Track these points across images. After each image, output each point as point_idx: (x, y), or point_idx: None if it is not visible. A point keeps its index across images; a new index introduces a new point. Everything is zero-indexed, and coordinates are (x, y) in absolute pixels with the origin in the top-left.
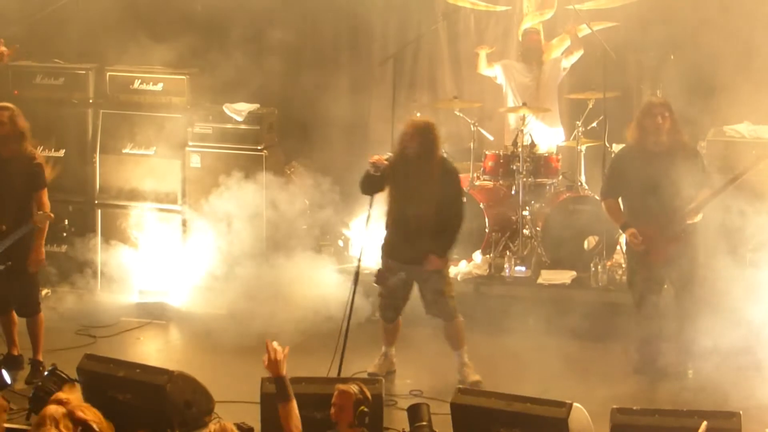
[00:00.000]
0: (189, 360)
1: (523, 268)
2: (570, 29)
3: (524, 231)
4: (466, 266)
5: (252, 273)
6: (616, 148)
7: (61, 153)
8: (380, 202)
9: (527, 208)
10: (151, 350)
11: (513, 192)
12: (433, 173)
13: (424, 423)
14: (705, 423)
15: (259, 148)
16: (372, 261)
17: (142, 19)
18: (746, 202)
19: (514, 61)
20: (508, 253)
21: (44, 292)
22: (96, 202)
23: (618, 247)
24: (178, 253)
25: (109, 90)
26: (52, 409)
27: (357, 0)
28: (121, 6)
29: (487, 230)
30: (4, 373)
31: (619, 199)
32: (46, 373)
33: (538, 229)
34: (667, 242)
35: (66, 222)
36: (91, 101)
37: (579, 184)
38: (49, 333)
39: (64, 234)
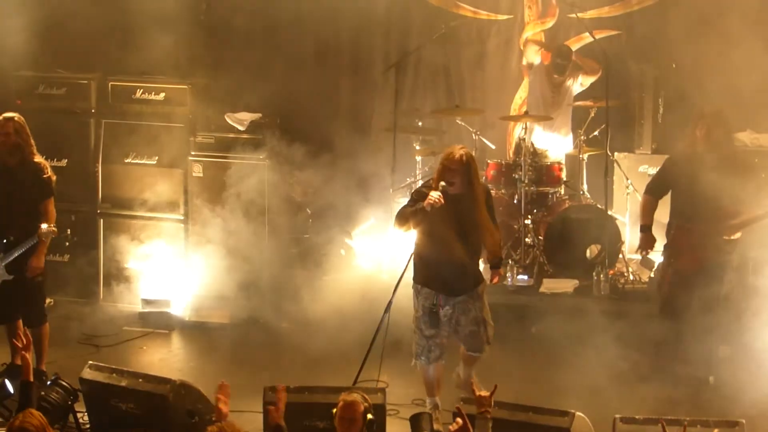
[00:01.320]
0: (191, 369)
1: (525, 277)
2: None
3: (526, 240)
4: None
5: (254, 282)
6: (618, 156)
7: (64, 163)
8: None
9: (529, 216)
10: (154, 359)
11: (515, 201)
12: (479, 202)
13: None
14: None
15: (261, 157)
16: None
17: (144, 28)
18: None
19: (545, 72)
20: (510, 261)
21: (47, 301)
22: (98, 211)
23: (620, 256)
24: (181, 262)
25: (111, 100)
26: None
27: (359, 9)
28: (123, 16)
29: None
30: (7, 382)
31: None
32: (48, 382)
33: (540, 237)
34: (702, 250)
35: (68, 231)
36: (93, 111)
37: (581, 192)
38: (52, 342)
39: (67, 243)
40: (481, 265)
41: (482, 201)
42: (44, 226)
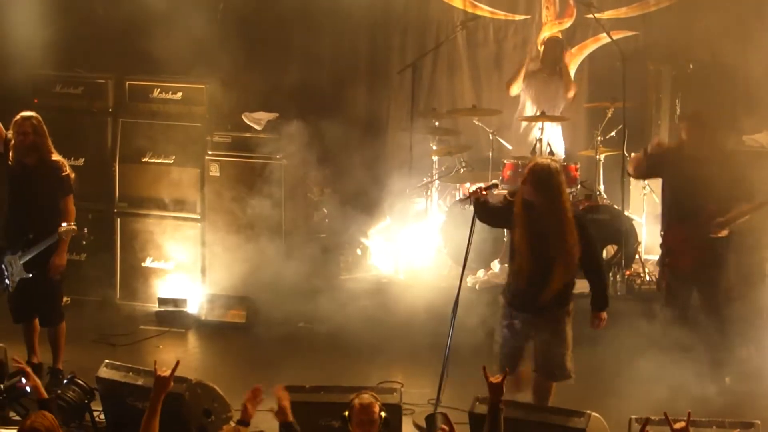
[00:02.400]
0: (207, 368)
1: None
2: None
3: None
4: (484, 275)
5: (270, 282)
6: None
7: (81, 162)
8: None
9: None
10: (170, 358)
11: None
12: (555, 224)
13: None
14: None
15: (278, 156)
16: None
17: (162, 28)
18: None
19: (536, 70)
20: None
21: (65, 300)
22: (115, 210)
23: (637, 257)
24: (197, 261)
25: (129, 99)
26: None
27: (376, 9)
28: (140, 16)
29: (505, 239)
30: (24, 380)
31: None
32: (65, 381)
33: None
34: (694, 249)
35: (85, 230)
36: (110, 110)
37: (598, 193)
38: (68, 341)
39: (84, 242)
40: (497, 265)
41: (559, 224)
42: (64, 224)
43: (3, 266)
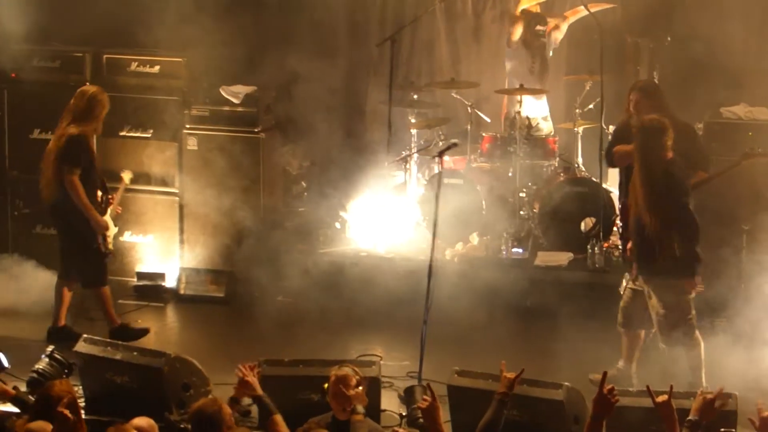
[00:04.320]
0: (186, 342)
1: (520, 250)
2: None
3: (521, 213)
4: (463, 248)
5: (249, 256)
6: (613, 129)
7: None
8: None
9: (524, 190)
10: (149, 333)
11: (510, 174)
12: (655, 179)
13: None
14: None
15: (256, 130)
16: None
17: (138, 1)
18: None
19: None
20: (505, 234)
21: (41, 274)
22: None
23: (615, 229)
24: (175, 235)
25: (106, 72)
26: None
27: None
28: None
29: (484, 212)
30: (2, 355)
31: None
32: (43, 356)
33: (535, 210)
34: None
35: None
36: (88, 84)
37: (576, 165)
38: (46, 316)
39: None
40: (476, 238)
41: (648, 181)
42: None
43: None
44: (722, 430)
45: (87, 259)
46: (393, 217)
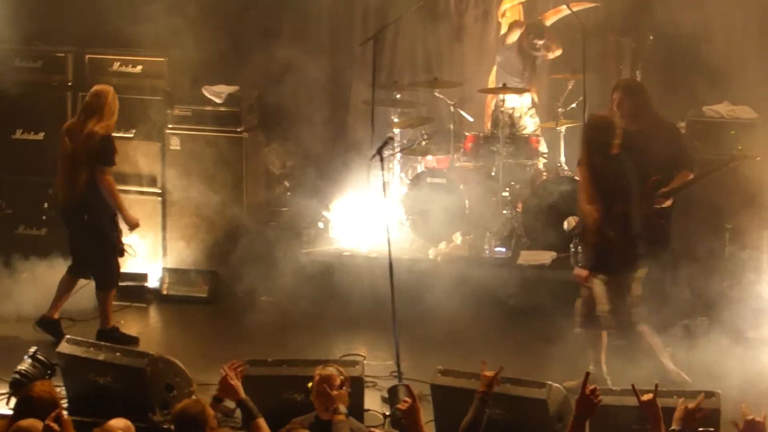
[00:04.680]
0: (169, 343)
1: (503, 249)
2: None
3: (504, 212)
4: (446, 247)
5: (232, 255)
6: None
7: (41, 136)
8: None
9: (507, 189)
10: (132, 333)
11: (493, 173)
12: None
13: None
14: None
15: (238, 130)
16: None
17: (121, 1)
18: None
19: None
20: (488, 234)
21: (24, 275)
22: None
23: None
24: (158, 235)
25: (89, 72)
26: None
27: None
28: None
29: (467, 211)
30: None
31: None
32: (26, 357)
33: (517, 210)
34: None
35: (45, 205)
36: (70, 84)
37: (559, 165)
38: (28, 317)
39: (44, 217)
40: (459, 237)
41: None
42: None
43: None
44: (700, 429)
45: (106, 260)
46: (376, 216)
